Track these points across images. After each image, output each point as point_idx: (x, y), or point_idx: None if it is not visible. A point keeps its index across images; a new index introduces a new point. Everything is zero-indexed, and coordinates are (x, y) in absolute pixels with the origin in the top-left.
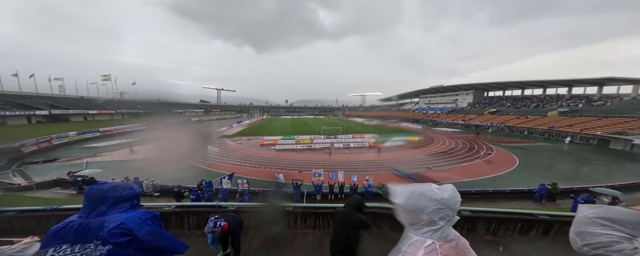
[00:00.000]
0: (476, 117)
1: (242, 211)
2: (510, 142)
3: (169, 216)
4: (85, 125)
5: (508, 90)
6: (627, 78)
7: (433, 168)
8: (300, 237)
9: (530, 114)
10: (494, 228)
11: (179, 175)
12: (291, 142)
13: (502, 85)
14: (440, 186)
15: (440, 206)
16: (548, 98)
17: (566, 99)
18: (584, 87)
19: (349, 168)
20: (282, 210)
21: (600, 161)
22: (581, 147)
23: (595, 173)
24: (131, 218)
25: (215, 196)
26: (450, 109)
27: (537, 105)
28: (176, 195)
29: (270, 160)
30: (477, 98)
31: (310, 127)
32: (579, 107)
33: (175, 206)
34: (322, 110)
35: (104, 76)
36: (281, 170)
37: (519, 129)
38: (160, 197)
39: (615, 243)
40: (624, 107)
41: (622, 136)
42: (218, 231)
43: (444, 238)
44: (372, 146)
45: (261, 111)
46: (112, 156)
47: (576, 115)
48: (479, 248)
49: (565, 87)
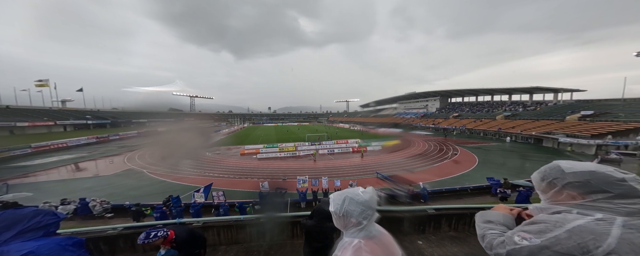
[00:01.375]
0: (443, 121)
1: (210, 227)
2: (470, 143)
3: (115, 240)
4: (12, 139)
5: (466, 97)
6: (549, 87)
7: (410, 170)
8: (277, 249)
9: (483, 118)
10: (454, 224)
11: (141, 191)
12: (274, 150)
13: (460, 92)
14: (364, 189)
15: (363, 208)
16: (495, 104)
17: (508, 105)
18: (520, 95)
19: (333, 174)
20: (278, 220)
21: (536, 157)
22: (523, 145)
23: (534, 168)
24: (45, 245)
25: (186, 212)
26: (423, 114)
27: (488, 110)
28: (135, 214)
29: (252, 169)
30: (443, 104)
31: (294, 134)
32: (519, 111)
33: (124, 228)
34: (306, 117)
35: (39, 81)
36: (265, 179)
37: (476, 131)
38: (114, 219)
39: (495, 237)
40: (549, 111)
41: (551, 135)
42: (155, 243)
43: (368, 235)
44: (356, 150)
45: (242, 119)
46: (49, 176)
47: (516, 118)
48: (444, 244)
49: (506, 94)
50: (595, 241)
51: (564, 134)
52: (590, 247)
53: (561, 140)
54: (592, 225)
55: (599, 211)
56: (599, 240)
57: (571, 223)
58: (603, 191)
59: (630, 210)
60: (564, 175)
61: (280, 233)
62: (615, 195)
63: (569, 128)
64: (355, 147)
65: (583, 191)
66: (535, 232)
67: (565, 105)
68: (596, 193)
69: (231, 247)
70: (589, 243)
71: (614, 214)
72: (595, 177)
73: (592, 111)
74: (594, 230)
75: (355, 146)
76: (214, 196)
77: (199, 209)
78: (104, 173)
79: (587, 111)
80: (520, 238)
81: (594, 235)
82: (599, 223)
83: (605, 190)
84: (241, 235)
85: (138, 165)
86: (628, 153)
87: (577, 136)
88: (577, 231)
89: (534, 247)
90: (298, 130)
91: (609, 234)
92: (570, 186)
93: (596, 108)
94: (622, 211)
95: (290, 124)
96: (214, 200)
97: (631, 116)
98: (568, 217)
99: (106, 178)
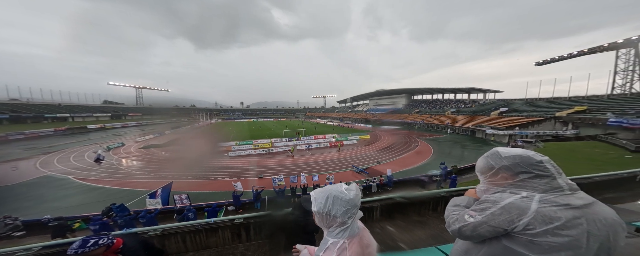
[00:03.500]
0: (408, 116)
1: (172, 234)
2: (428, 136)
3: None
4: None
5: (425, 95)
6: (480, 88)
7: (381, 162)
8: (254, 250)
9: (436, 113)
10: (418, 209)
11: (66, 202)
12: (249, 147)
13: (421, 90)
14: (347, 186)
15: (348, 207)
16: (445, 102)
17: (454, 102)
18: (462, 94)
19: (311, 169)
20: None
21: (471, 146)
22: (463, 136)
23: (471, 154)
24: None
25: (136, 221)
26: (391, 110)
27: (440, 107)
28: (56, 230)
29: (223, 168)
30: (408, 100)
31: (270, 130)
32: (461, 107)
33: (43, 247)
34: (283, 113)
35: None
36: (238, 178)
37: (432, 125)
38: (26, 238)
39: (454, 217)
40: (480, 108)
41: (480, 128)
42: (93, 255)
43: (351, 234)
44: (334, 145)
45: (209, 114)
46: None
47: (459, 114)
48: (411, 228)
49: (453, 93)
50: (519, 216)
51: (489, 127)
52: (515, 220)
53: (487, 131)
54: (518, 201)
55: (524, 189)
56: (521, 214)
57: (505, 201)
58: (527, 171)
59: (545, 187)
60: (501, 159)
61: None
62: (535, 175)
63: (493, 122)
64: (333, 141)
65: (513, 172)
66: (479, 210)
67: (490, 103)
68: (523, 173)
69: (200, 253)
70: (514, 217)
71: (534, 192)
72: (521, 160)
73: (507, 108)
74: (519, 206)
75: (333, 141)
76: (176, 199)
77: (153, 217)
78: (3, 183)
79: (504, 108)
80: (468, 216)
81: (518, 210)
82: (523, 200)
83: (529, 171)
84: (212, 239)
85: (59, 171)
86: (528, 141)
87: (497, 128)
88: (507, 208)
89: (476, 223)
90: (273, 126)
91: (529, 208)
92: (505, 168)
93: (509, 106)
94: (540, 189)
95: (266, 120)
96: (175, 205)
97: (531, 112)
98: (503, 196)
99: (7, 189)
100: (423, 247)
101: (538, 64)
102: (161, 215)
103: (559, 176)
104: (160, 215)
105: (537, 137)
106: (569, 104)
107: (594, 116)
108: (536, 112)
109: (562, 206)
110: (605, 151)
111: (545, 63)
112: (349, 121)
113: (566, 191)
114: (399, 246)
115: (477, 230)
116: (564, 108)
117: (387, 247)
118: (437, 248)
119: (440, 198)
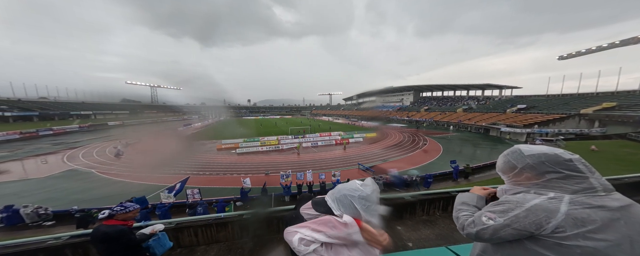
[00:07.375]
0: (415, 114)
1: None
2: (437, 134)
3: (59, 252)
4: None
5: (434, 92)
6: (496, 84)
7: (388, 159)
8: (262, 245)
9: (447, 111)
10: (426, 209)
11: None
12: (255, 144)
13: (430, 87)
14: (363, 182)
15: (368, 204)
16: (457, 99)
17: (466, 99)
18: (475, 90)
19: (317, 166)
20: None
21: (484, 144)
22: (476, 134)
23: (483, 153)
24: None
25: (152, 214)
26: (399, 107)
27: (451, 104)
28: (80, 221)
29: (231, 165)
30: (416, 97)
31: (277, 128)
32: (474, 105)
33: (71, 236)
34: (289, 110)
35: None
36: (246, 175)
37: (442, 123)
38: (55, 227)
39: (466, 219)
40: (494, 105)
41: (495, 126)
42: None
43: None
44: (339, 143)
45: (217, 112)
46: None
47: (471, 112)
48: (418, 228)
49: (465, 90)
50: (547, 218)
51: (505, 125)
52: (542, 223)
53: (503, 129)
54: (545, 203)
55: (551, 190)
56: (550, 216)
57: (529, 202)
58: (555, 171)
59: (576, 188)
60: (523, 157)
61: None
62: (564, 175)
63: (509, 120)
64: (338, 139)
65: (538, 172)
66: (500, 212)
67: (506, 100)
68: (549, 173)
69: (211, 246)
70: (542, 220)
71: (563, 192)
72: (548, 159)
73: (525, 105)
74: (547, 207)
75: (338, 138)
76: (188, 194)
77: (167, 210)
78: (34, 176)
79: (521, 105)
80: (487, 218)
81: (546, 212)
82: (551, 201)
83: (556, 170)
84: (222, 233)
85: (83, 165)
86: (549, 140)
87: (514, 126)
88: (533, 210)
89: (498, 226)
90: (277, 124)
91: (558, 211)
92: (528, 167)
93: (528, 102)
94: (569, 190)
95: (272, 117)
96: (187, 199)
97: (551, 109)
98: (527, 197)
99: (38, 181)
100: (431, 247)
101: (562, 57)
102: (173, 209)
103: (592, 175)
104: (173, 209)
105: (558, 135)
106: (596, 100)
107: (623, 113)
108: (558, 108)
109: (596, 208)
110: (635, 150)
111: (570, 57)
112: (355, 118)
113: (600, 192)
114: (407, 246)
115: (499, 233)
116: (590, 105)
117: (395, 246)
118: (447, 248)
119: (451, 198)
